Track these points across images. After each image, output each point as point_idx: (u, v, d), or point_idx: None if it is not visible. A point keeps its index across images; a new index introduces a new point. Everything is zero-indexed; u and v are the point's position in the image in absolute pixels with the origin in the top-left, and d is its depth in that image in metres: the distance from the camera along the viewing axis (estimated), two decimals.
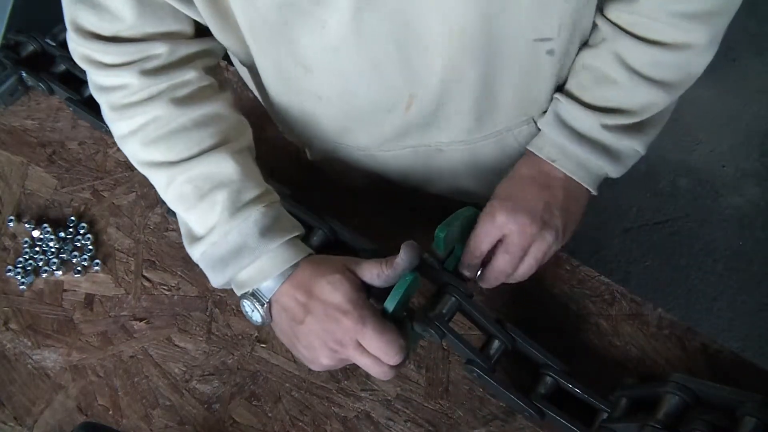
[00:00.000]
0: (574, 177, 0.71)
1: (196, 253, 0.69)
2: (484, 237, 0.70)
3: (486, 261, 0.72)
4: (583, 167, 0.72)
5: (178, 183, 0.68)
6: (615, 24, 0.68)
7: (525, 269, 0.71)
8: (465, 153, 0.79)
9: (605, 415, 0.69)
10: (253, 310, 0.69)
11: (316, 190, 0.89)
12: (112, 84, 0.67)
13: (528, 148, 0.73)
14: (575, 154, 0.71)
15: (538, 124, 0.74)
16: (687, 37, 0.66)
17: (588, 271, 0.82)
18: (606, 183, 0.76)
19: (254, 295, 0.68)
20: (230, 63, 0.99)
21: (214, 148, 0.68)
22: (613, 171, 0.73)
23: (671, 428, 0.62)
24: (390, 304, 0.65)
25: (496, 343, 0.72)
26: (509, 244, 0.70)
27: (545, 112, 0.75)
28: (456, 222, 0.70)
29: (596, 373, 0.74)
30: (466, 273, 0.73)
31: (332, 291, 0.64)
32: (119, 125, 0.69)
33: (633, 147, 0.72)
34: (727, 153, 2.04)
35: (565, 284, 0.81)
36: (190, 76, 0.68)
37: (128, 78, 0.66)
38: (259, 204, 0.68)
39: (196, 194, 0.67)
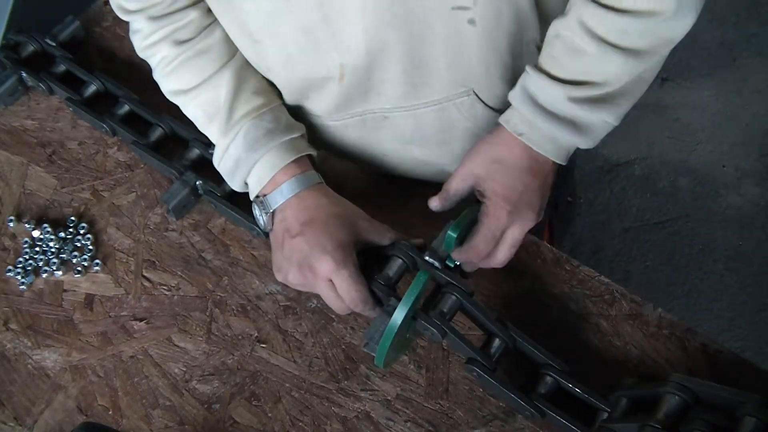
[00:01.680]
0: (541, 151, 0.71)
1: (215, 164, 0.80)
2: (491, 238, 0.71)
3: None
4: (551, 141, 0.71)
5: (191, 108, 0.80)
6: None
7: (508, 255, 0.73)
8: (409, 120, 0.80)
9: (605, 415, 0.69)
10: (260, 215, 0.77)
11: None
12: (134, 28, 0.79)
13: (499, 120, 0.73)
14: (543, 128, 0.70)
15: (509, 96, 0.73)
16: (650, 4, 0.64)
17: (588, 271, 0.82)
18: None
19: (262, 203, 0.76)
20: None
21: (217, 72, 0.78)
22: (583, 143, 0.72)
23: (671, 428, 0.62)
24: (405, 304, 0.66)
25: (496, 342, 0.72)
26: (509, 237, 0.72)
27: (485, 82, 0.76)
28: (465, 222, 0.71)
29: (596, 373, 0.74)
30: (468, 269, 0.74)
31: (329, 236, 0.72)
32: (148, 61, 0.81)
33: (603, 119, 0.70)
34: (727, 153, 2.04)
35: (565, 284, 0.81)
36: (191, 17, 0.77)
37: (141, 23, 0.77)
38: (247, 119, 0.77)
39: (205, 117, 0.79)
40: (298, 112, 0.84)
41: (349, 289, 0.71)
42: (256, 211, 0.78)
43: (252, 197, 0.78)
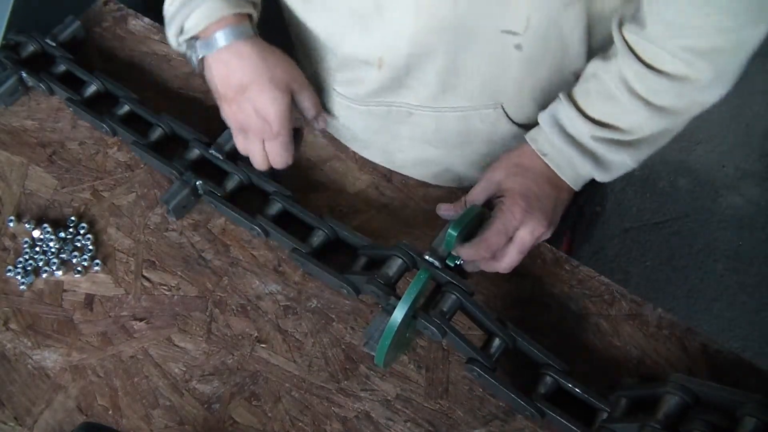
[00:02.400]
0: (560, 173, 0.74)
1: (164, 8, 0.77)
2: (504, 233, 0.71)
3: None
4: (571, 166, 0.74)
5: None
6: (626, 42, 0.68)
7: (515, 259, 0.73)
8: (431, 120, 0.82)
9: (605, 415, 0.69)
10: (190, 56, 0.77)
11: (316, 191, 0.89)
12: None
13: (525, 136, 0.76)
14: (566, 153, 0.73)
15: (538, 117, 0.75)
16: (689, 70, 0.66)
17: (588, 271, 0.82)
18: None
19: (194, 46, 0.76)
20: None
21: None
22: (600, 176, 0.75)
23: (671, 428, 0.62)
24: (405, 302, 0.66)
25: (496, 342, 0.72)
26: (519, 239, 0.72)
27: (515, 101, 0.78)
28: (466, 221, 0.71)
29: (596, 373, 0.75)
30: (470, 269, 0.74)
31: (269, 105, 0.74)
32: None
33: (623, 160, 0.73)
34: (727, 153, 2.04)
35: (565, 284, 0.81)
36: None
37: None
38: None
39: None
40: (324, 87, 0.87)
41: (280, 154, 0.78)
42: (188, 53, 0.77)
43: (184, 39, 0.76)
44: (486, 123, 0.81)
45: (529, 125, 0.78)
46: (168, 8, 0.77)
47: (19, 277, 0.84)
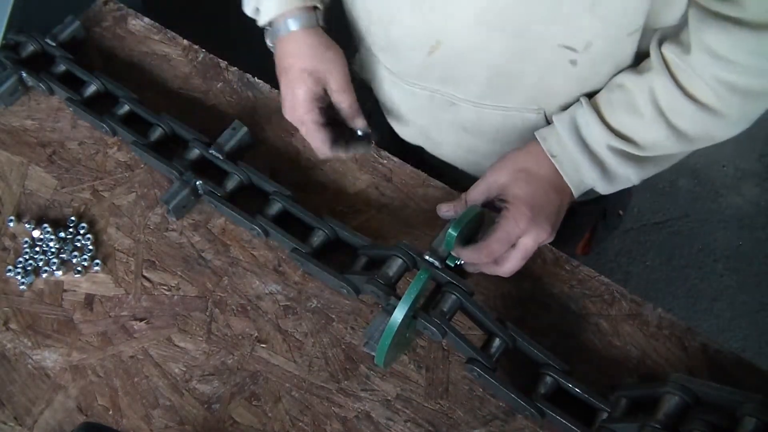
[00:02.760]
0: (565, 177, 0.74)
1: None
2: (507, 241, 0.71)
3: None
4: (577, 171, 0.74)
5: None
6: (665, 61, 0.69)
7: (517, 264, 0.74)
8: (473, 113, 0.83)
9: (605, 415, 0.69)
10: (268, 41, 0.84)
11: (316, 191, 0.89)
12: None
13: (535, 133, 0.76)
14: (575, 157, 0.74)
15: (553, 117, 0.76)
16: (719, 104, 0.67)
17: (588, 271, 0.82)
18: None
19: (270, 32, 0.83)
20: (230, 64, 0.99)
21: None
22: (601, 187, 0.76)
23: (671, 428, 0.62)
24: (406, 302, 0.66)
25: (497, 342, 0.72)
26: (522, 246, 0.72)
27: (560, 109, 0.78)
28: (466, 221, 0.71)
29: (596, 373, 0.75)
30: (470, 270, 0.74)
31: (293, 91, 0.80)
32: None
33: (628, 175, 0.74)
34: (727, 153, 2.04)
35: (565, 284, 0.81)
36: None
37: None
38: None
39: None
40: (373, 60, 0.89)
41: (310, 139, 0.81)
42: (267, 39, 0.85)
43: (262, 23, 0.83)
44: (526, 124, 0.82)
45: None
46: None
47: (19, 277, 0.84)
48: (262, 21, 0.82)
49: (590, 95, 0.76)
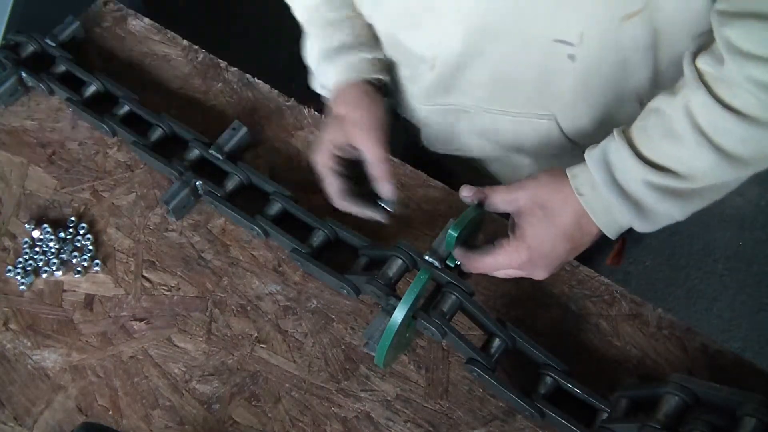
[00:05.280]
0: (594, 218, 0.67)
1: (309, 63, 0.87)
2: (494, 267, 0.71)
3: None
4: (607, 213, 0.67)
5: (295, 5, 0.86)
6: (700, 74, 0.61)
7: (504, 277, 0.73)
8: (487, 119, 0.82)
9: (605, 415, 0.69)
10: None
11: (316, 191, 0.89)
12: None
13: (567, 170, 0.69)
14: (605, 198, 0.66)
15: (585, 153, 0.69)
16: (760, 110, 0.59)
17: (588, 271, 0.82)
18: None
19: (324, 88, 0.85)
20: (230, 64, 0.99)
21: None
22: (640, 226, 0.67)
23: (671, 428, 0.62)
24: (406, 303, 0.66)
25: (496, 342, 0.72)
26: (510, 273, 0.72)
27: (569, 115, 0.76)
28: (466, 222, 0.71)
29: (596, 373, 0.75)
30: (466, 270, 0.74)
31: (326, 130, 0.78)
32: None
33: (670, 212, 0.66)
34: None
35: (565, 284, 0.81)
36: None
37: None
38: (324, 28, 0.83)
39: (301, 19, 0.86)
40: (400, 89, 0.88)
41: (323, 185, 0.79)
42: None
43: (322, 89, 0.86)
44: (539, 132, 0.79)
45: (584, 142, 0.73)
46: (310, 61, 0.86)
47: (19, 277, 0.84)
48: (329, 92, 0.83)
49: (599, 99, 0.73)
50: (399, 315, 0.66)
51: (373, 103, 0.78)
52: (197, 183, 0.85)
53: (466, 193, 0.73)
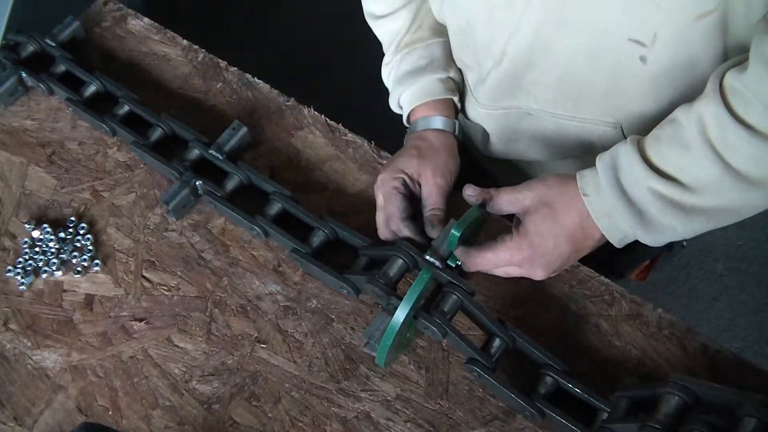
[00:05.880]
0: (596, 221, 0.67)
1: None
2: (493, 264, 0.71)
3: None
4: (609, 216, 0.67)
5: (379, 32, 0.91)
6: (722, 87, 0.60)
7: (502, 275, 0.73)
8: (551, 124, 0.81)
9: (605, 415, 0.69)
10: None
11: (316, 191, 0.89)
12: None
13: (578, 173, 0.69)
14: (609, 201, 0.66)
15: (597, 157, 0.69)
16: None
17: (588, 271, 0.82)
18: None
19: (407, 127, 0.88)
20: (230, 64, 0.99)
21: (401, 7, 0.86)
22: (644, 237, 0.66)
23: (671, 429, 0.62)
24: (408, 302, 0.67)
25: (497, 342, 0.72)
26: (509, 272, 0.72)
27: (636, 124, 0.74)
28: (469, 222, 0.71)
29: (596, 373, 0.75)
30: (466, 269, 0.74)
31: (379, 179, 0.79)
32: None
33: (673, 226, 0.64)
34: None
35: (564, 284, 0.81)
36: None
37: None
38: (402, 52, 0.86)
39: (385, 43, 0.91)
40: (466, 98, 0.89)
41: (384, 206, 0.78)
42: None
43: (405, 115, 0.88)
44: (604, 141, 0.77)
45: None
46: (387, 82, 0.89)
47: (18, 277, 0.84)
48: (404, 112, 0.86)
49: (667, 108, 0.69)
50: (401, 314, 0.66)
51: (451, 158, 0.81)
52: (197, 183, 0.85)
53: (471, 192, 0.73)
